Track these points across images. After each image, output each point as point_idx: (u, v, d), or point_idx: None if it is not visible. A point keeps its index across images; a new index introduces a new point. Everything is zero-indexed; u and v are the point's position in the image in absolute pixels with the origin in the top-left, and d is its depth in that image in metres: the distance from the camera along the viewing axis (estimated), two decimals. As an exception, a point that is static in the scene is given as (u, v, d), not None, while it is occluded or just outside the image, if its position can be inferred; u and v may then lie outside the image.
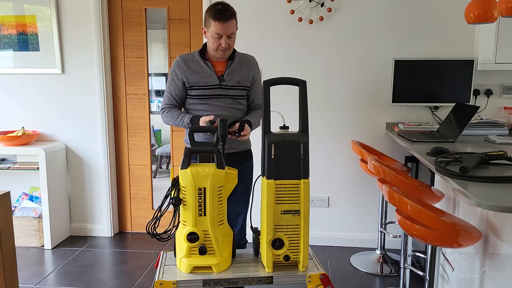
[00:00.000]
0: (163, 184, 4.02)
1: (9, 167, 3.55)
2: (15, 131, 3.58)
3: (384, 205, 3.16)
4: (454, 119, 2.87)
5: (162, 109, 2.27)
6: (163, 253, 1.72)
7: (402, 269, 2.52)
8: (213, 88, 2.20)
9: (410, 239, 2.50)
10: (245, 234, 2.41)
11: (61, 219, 3.64)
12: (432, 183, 3.00)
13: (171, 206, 1.55)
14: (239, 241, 2.39)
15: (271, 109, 3.34)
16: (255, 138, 3.50)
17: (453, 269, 2.33)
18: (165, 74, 3.72)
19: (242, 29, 3.38)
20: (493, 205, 1.43)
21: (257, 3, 3.35)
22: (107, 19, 3.56)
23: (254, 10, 3.36)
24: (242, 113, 2.29)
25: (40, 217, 3.50)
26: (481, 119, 3.07)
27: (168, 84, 2.26)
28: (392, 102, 3.21)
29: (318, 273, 1.54)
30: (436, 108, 3.31)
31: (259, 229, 1.67)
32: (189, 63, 2.22)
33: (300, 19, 3.29)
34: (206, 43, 2.23)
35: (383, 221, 3.18)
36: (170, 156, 3.73)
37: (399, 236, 3.03)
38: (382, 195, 3.13)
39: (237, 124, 2.09)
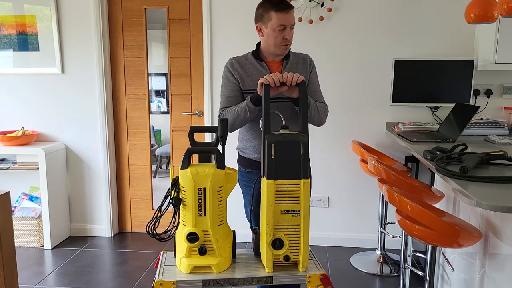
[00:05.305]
0: (163, 184, 4.02)
1: (9, 167, 3.55)
2: (15, 131, 3.58)
3: (384, 205, 3.16)
4: (454, 119, 2.86)
5: (220, 112, 2.06)
6: (163, 253, 1.72)
7: (402, 269, 2.52)
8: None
9: (410, 239, 2.50)
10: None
11: (61, 219, 3.64)
12: (432, 183, 3.00)
13: (171, 206, 1.55)
14: None
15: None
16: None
17: (453, 269, 2.33)
18: (165, 74, 3.72)
19: (242, 29, 3.38)
20: (493, 205, 1.43)
21: (257, 2, 3.35)
22: (107, 19, 3.56)
23: (254, 10, 3.35)
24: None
25: (40, 217, 3.50)
26: (481, 119, 3.07)
27: (223, 88, 2.08)
28: (392, 102, 3.21)
29: (318, 273, 1.54)
30: (436, 108, 3.31)
31: (259, 229, 1.67)
32: (243, 65, 2.06)
33: (300, 19, 3.29)
34: (258, 43, 2.12)
35: (383, 221, 3.18)
36: (170, 156, 3.73)
37: (399, 236, 3.03)
38: (382, 195, 3.13)
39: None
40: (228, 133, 2.06)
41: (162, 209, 1.55)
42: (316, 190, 3.51)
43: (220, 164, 1.54)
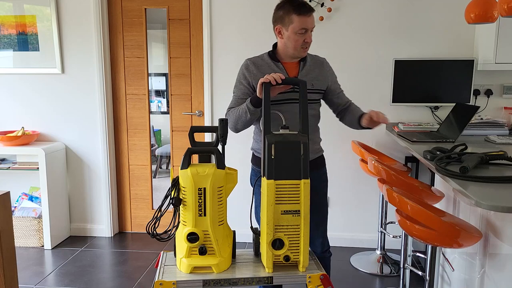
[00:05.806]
0: (163, 184, 4.02)
1: (9, 167, 3.55)
2: (15, 131, 3.58)
3: (384, 205, 3.16)
4: (454, 119, 2.86)
5: (227, 111, 2.07)
6: (163, 253, 1.72)
7: (402, 269, 2.52)
8: (286, 92, 1.97)
9: (410, 239, 2.50)
10: (328, 247, 2.24)
11: (61, 219, 3.64)
12: (432, 183, 3.00)
13: (171, 206, 1.55)
14: (322, 254, 2.21)
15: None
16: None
17: (453, 269, 2.33)
18: (165, 74, 3.72)
19: (243, 29, 3.38)
20: (493, 205, 1.43)
21: (258, 2, 3.35)
22: (107, 19, 3.56)
23: (255, 10, 3.36)
24: (315, 119, 2.13)
25: (40, 217, 3.50)
26: (481, 119, 3.07)
27: (235, 88, 2.08)
28: (392, 102, 3.21)
29: (318, 273, 1.54)
30: (436, 108, 3.31)
31: (259, 230, 1.67)
32: (259, 66, 2.04)
33: (300, 19, 3.29)
34: (275, 44, 2.09)
35: (383, 221, 3.18)
36: (170, 156, 3.73)
37: (399, 236, 3.03)
38: (382, 195, 3.13)
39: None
40: (235, 133, 2.07)
41: (162, 209, 1.55)
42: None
43: (220, 164, 1.54)
